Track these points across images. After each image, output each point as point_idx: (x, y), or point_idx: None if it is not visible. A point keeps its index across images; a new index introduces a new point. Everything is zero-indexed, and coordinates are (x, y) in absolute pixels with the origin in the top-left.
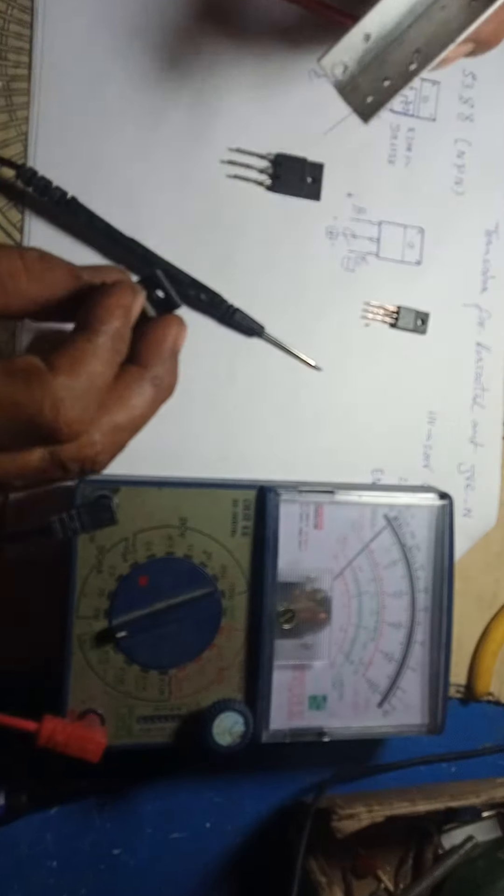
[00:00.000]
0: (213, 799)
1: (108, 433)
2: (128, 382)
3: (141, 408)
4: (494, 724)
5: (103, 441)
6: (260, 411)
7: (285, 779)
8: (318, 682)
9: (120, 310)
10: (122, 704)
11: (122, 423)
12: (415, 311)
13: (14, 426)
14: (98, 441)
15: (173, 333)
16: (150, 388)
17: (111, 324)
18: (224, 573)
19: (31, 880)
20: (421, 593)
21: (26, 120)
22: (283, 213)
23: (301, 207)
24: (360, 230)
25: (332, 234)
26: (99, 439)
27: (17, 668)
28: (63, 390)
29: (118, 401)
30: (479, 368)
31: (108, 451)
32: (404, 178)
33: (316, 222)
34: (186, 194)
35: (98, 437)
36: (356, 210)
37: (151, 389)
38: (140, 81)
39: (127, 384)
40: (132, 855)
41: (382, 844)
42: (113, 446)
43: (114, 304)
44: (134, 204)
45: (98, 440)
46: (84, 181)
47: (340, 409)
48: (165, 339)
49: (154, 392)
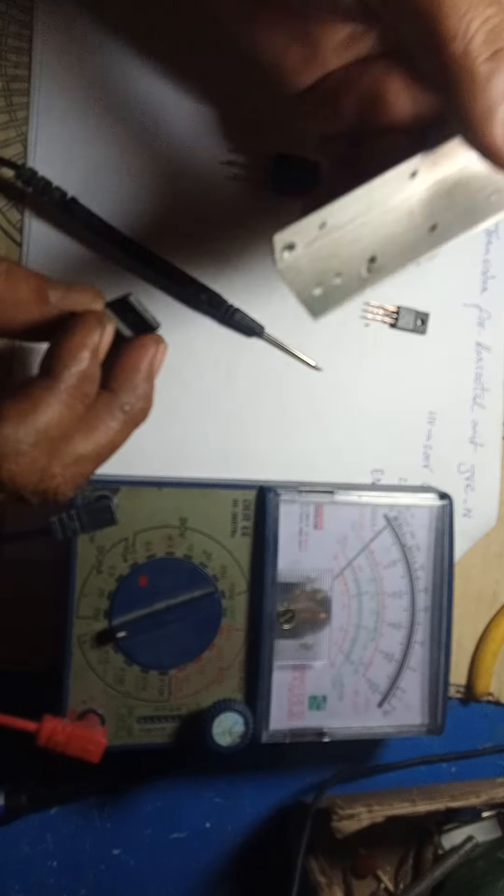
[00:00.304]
0: (213, 799)
1: (70, 465)
2: (97, 411)
3: (108, 437)
4: (494, 725)
5: (64, 474)
6: (260, 411)
7: (285, 779)
8: (318, 682)
9: (86, 351)
10: (122, 704)
11: (86, 454)
12: (415, 311)
13: None
14: (58, 474)
15: (149, 357)
16: (120, 416)
17: (76, 367)
18: (224, 573)
19: (32, 880)
20: (421, 593)
21: (26, 120)
22: (284, 212)
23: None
24: None
25: None
26: (59, 472)
27: (17, 668)
28: (6, 445)
29: (84, 430)
30: (479, 368)
31: (70, 482)
32: None
33: None
34: (187, 194)
35: (58, 469)
36: None
37: (121, 417)
38: (140, 81)
39: (96, 413)
40: (132, 855)
41: (382, 844)
42: (75, 478)
43: (78, 345)
44: (134, 204)
45: (58, 473)
46: (84, 181)
47: (340, 409)
48: (139, 363)
49: (124, 420)
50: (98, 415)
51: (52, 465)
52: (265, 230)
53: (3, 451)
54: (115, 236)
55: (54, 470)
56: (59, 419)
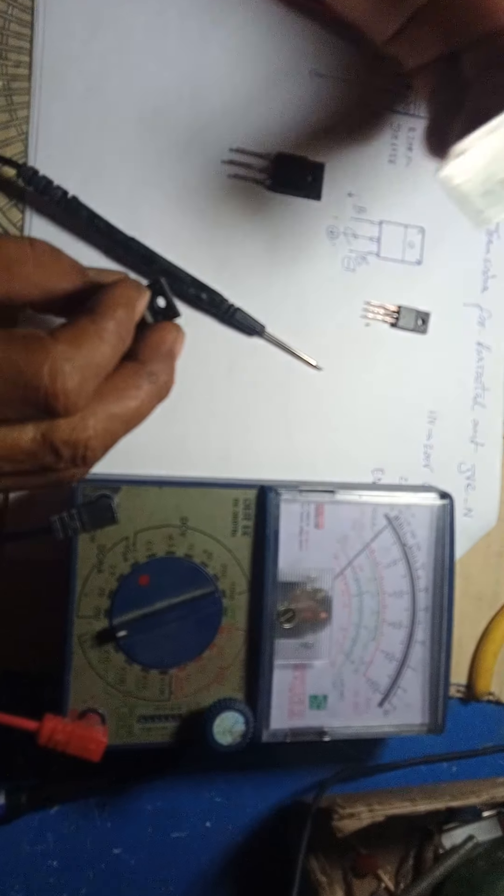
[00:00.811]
0: (213, 799)
1: (102, 420)
2: (125, 375)
3: (137, 401)
4: (495, 724)
5: (96, 427)
6: (261, 410)
7: (285, 779)
8: (319, 681)
9: (125, 299)
10: (123, 704)
11: (117, 414)
12: (415, 310)
13: (10, 391)
14: (91, 426)
15: (171, 338)
16: (147, 384)
17: (116, 310)
18: (224, 573)
19: (32, 879)
20: (421, 593)
21: (27, 119)
22: (284, 212)
23: (302, 207)
24: (360, 230)
25: (332, 233)
26: (92, 424)
27: (17, 668)
28: (63, 358)
29: (114, 391)
30: (479, 368)
31: (101, 439)
32: (405, 177)
33: (316, 222)
34: (187, 193)
35: (92, 422)
36: (357, 210)
37: (148, 385)
38: (140, 81)
39: (124, 377)
40: (132, 854)
41: (383, 844)
42: (106, 435)
43: (119, 294)
44: (134, 203)
45: (91, 425)
46: (84, 180)
47: (340, 409)
48: (164, 340)
49: (150, 388)
50: (126, 379)
51: (87, 415)
52: (265, 229)
53: (60, 363)
54: (116, 235)
55: (88, 422)
56: (102, 350)
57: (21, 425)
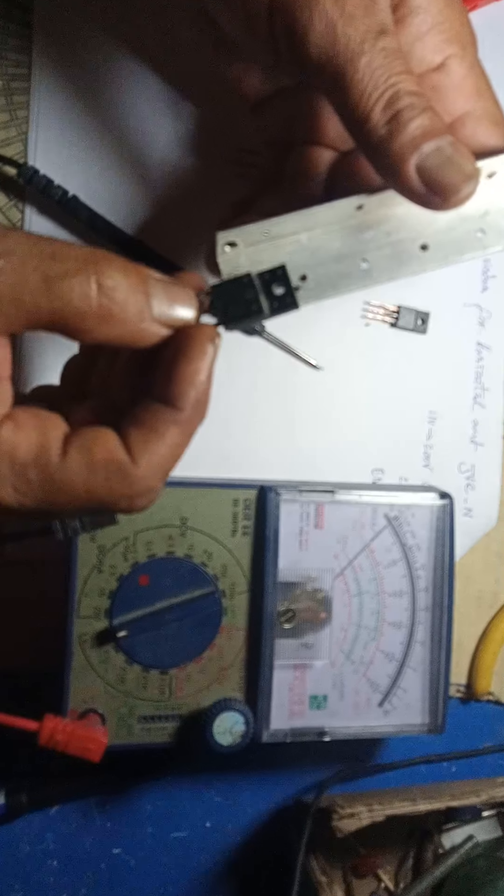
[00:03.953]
0: (213, 799)
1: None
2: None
3: (183, 449)
4: (495, 724)
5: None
6: (260, 411)
7: (285, 779)
8: (319, 681)
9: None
10: (123, 704)
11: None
12: (415, 310)
13: (84, 510)
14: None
15: (207, 367)
16: (189, 432)
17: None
18: (225, 573)
19: (32, 879)
20: (421, 593)
21: (27, 119)
22: None
23: None
24: None
25: None
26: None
27: (17, 668)
28: (141, 486)
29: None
30: (479, 368)
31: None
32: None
33: None
34: (188, 192)
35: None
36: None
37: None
38: (141, 79)
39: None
40: (132, 854)
41: (383, 844)
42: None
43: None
44: (135, 202)
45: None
46: (85, 179)
47: (341, 408)
48: (198, 372)
49: (190, 432)
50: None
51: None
52: None
53: (139, 491)
54: (117, 234)
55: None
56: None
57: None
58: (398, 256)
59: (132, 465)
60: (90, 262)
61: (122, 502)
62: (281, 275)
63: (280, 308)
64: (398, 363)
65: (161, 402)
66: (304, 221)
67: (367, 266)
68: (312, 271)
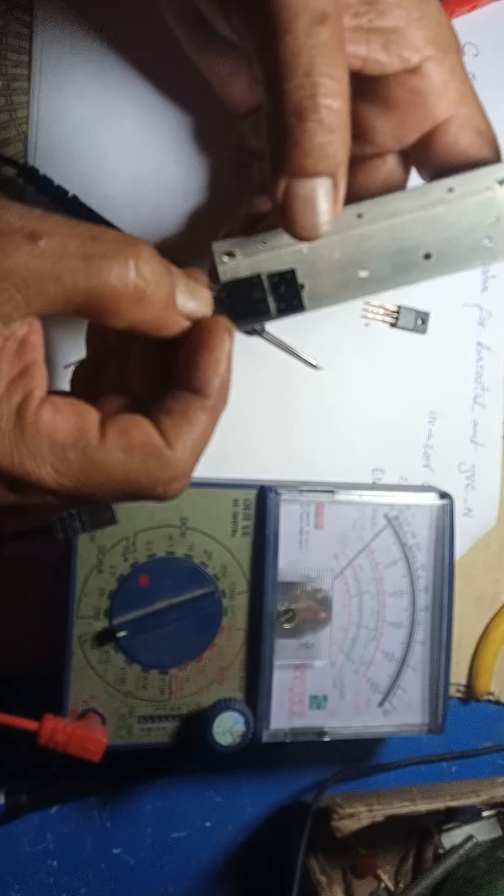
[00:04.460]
0: (213, 799)
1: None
2: (202, 422)
3: (210, 436)
4: (495, 724)
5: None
6: (260, 410)
7: (285, 779)
8: (319, 681)
9: (223, 363)
10: (123, 704)
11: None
12: (415, 310)
13: (120, 496)
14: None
15: (227, 355)
16: (214, 417)
17: (225, 384)
18: (224, 573)
19: (32, 879)
20: (421, 593)
21: (27, 119)
22: None
23: None
24: None
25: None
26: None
27: (17, 668)
28: (178, 469)
29: (199, 444)
30: (479, 368)
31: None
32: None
33: None
34: (189, 193)
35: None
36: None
37: (214, 416)
38: (140, 80)
39: (203, 424)
40: (132, 854)
41: (383, 844)
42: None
43: (215, 361)
44: (136, 202)
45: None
46: (85, 180)
47: (341, 408)
48: (220, 361)
49: (216, 416)
50: (206, 426)
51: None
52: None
53: (175, 475)
54: None
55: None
56: (210, 436)
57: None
58: (400, 265)
59: (168, 450)
60: (129, 245)
61: (159, 487)
62: (290, 278)
63: (287, 310)
64: (398, 363)
65: (188, 391)
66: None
67: (367, 275)
68: (312, 280)
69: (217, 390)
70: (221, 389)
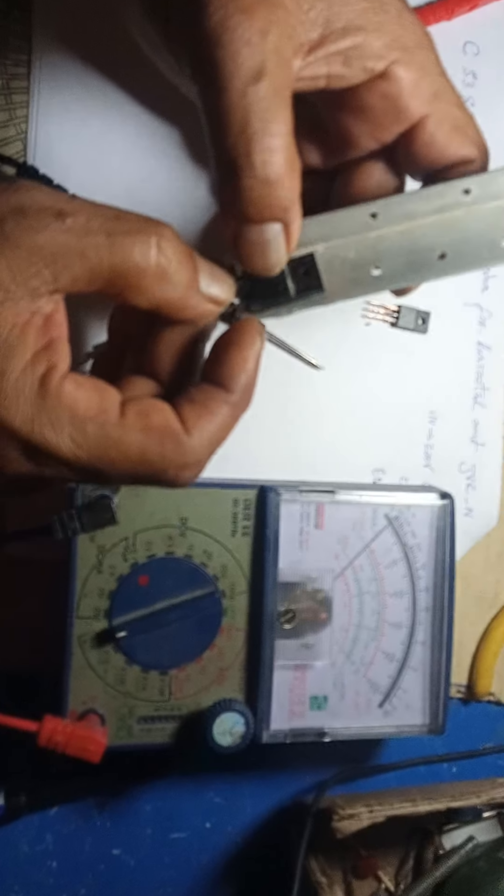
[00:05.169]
0: (213, 799)
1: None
2: (223, 415)
3: (229, 431)
4: (495, 725)
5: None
6: (260, 410)
7: (285, 779)
8: (319, 682)
9: (251, 362)
10: (123, 705)
11: (215, 448)
12: (415, 310)
13: (132, 477)
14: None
15: (255, 356)
16: (236, 413)
17: (251, 382)
18: (224, 573)
19: (31, 880)
20: (422, 593)
21: (26, 118)
22: None
23: None
24: None
25: None
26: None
27: (17, 668)
28: (192, 457)
29: (217, 436)
30: (479, 367)
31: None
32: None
33: None
34: (189, 193)
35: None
36: None
37: (236, 413)
38: (140, 80)
39: (223, 417)
40: (132, 855)
41: (383, 845)
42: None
43: (244, 360)
44: (135, 202)
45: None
46: (84, 179)
47: (341, 408)
48: (247, 360)
49: (237, 413)
50: (226, 419)
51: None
52: None
53: (188, 462)
54: None
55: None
56: (229, 431)
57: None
58: (414, 265)
59: (186, 436)
60: (151, 225)
61: (171, 472)
62: (309, 262)
63: (306, 291)
64: (398, 363)
65: (214, 384)
66: (317, 229)
67: (380, 273)
68: (326, 277)
69: (242, 387)
70: (246, 388)
